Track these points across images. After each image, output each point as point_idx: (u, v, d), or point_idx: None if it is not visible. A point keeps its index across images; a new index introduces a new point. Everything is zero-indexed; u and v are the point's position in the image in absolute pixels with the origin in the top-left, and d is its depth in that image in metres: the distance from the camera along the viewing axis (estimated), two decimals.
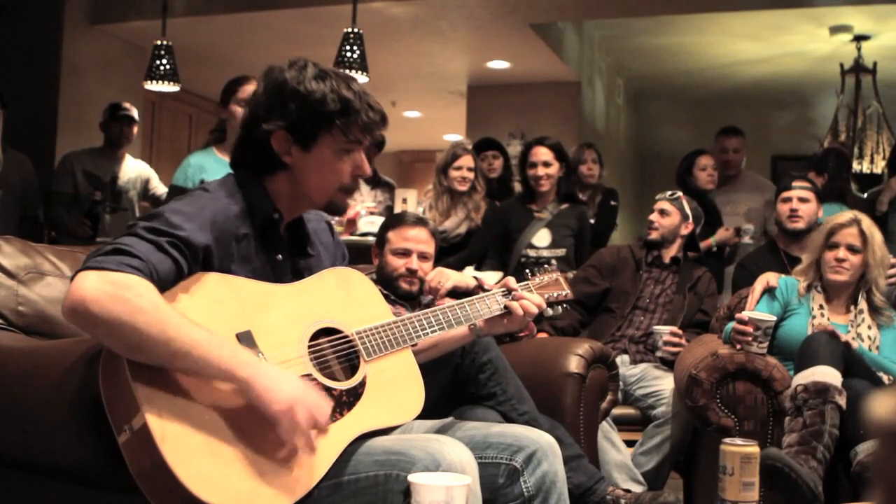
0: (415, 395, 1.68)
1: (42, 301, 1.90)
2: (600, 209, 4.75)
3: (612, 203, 4.80)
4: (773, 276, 3.06)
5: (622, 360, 3.25)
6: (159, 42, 5.33)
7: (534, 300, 1.92)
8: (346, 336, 1.63)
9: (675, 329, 3.24)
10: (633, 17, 6.37)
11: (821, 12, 6.11)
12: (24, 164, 4.44)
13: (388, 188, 4.92)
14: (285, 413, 1.40)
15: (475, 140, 5.00)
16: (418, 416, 1.68)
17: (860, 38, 6.57)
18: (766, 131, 8.04)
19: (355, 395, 1.58)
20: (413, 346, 1.73)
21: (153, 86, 5.40)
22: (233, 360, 1.40)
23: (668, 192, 3.62)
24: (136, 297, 1.36)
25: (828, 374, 2.48)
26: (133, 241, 1.44)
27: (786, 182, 3.64)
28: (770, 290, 3.01)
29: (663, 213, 3.53)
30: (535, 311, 1.92)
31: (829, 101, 7.15)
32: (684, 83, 8.11)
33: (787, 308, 2.96)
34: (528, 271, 2.06)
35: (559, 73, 6.83)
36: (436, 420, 1.80)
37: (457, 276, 2.59)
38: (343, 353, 1.63)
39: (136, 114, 4.71)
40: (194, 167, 3.35)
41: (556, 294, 2.03)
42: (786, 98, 8.21)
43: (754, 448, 1.97)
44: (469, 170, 4.26)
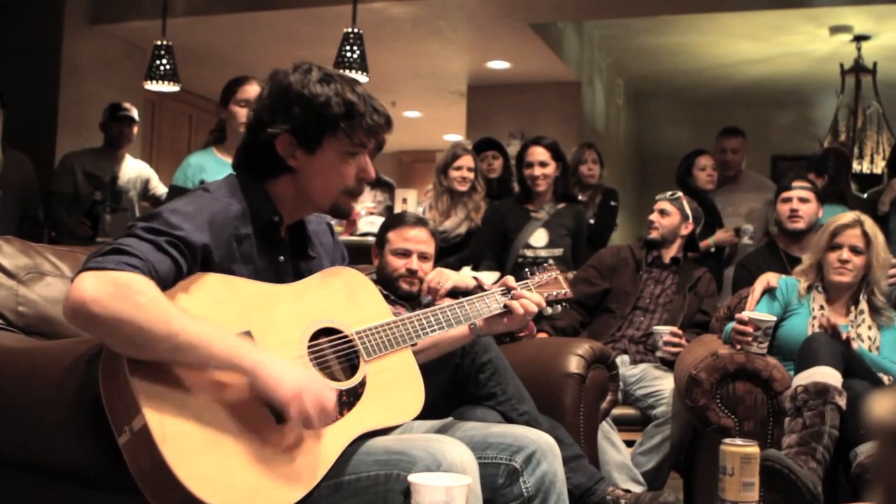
0: (415, 395, 1.68)
1: (42, 301, 1.90)
2: (600, 209, 4.74)
3: (613, 203, 4.79)
4: (774, 277, 3.06)
5: (622, 360, 3.25)
6: (159, 42, 5.33)
7: (533, 299, 1.92)
8: (345, 336, 1.63)
9: (675, 329, 3.25)
10: (633, 17, 6.37)
11: (821, 12, 6.11)
12: (24, 164, 4.44)
13: (388, 188, 4.92)
14: (294, 399, 1.41)
15: (475, 140, 5.00)
16: (418, 416, 1.68)
17: (860, 39, 6.58)
18: (766, 131, 8.04)
19: (355, 394, 1.59)
20: (413, 345, 1.73)
21: (153, 86, 5.40)
22: (237, 351, 1.41)
23: (669, 193, 3.62)
24: (136, 294, 1.36)
25: (828, 375, 2.48)
26: (132, 242, 1.44)
27: (786, 182, 3.64)
28: (770, 291, 3.01)
29: (663, 213, 3.53)
30: (535, 310, 1.92)
31: (829, 102, 7.15)
32: (684, 83, 8.11)
33: (787, 308, 2.96)
34: (527, 270, 2.06)
35: (559, 73, 6.82)
36: (435, 420, 1.80)
37: (456, 276, 2.58)
38: (343, 353, 1.63)
39: (136, 114, 4.71)
40: (194, 167, 3.35)
41: (555, 293, 2.03)
42: (786, 98, 8.21)
43: (754, 448, 1.97)
44: (469, 170, 4.26)
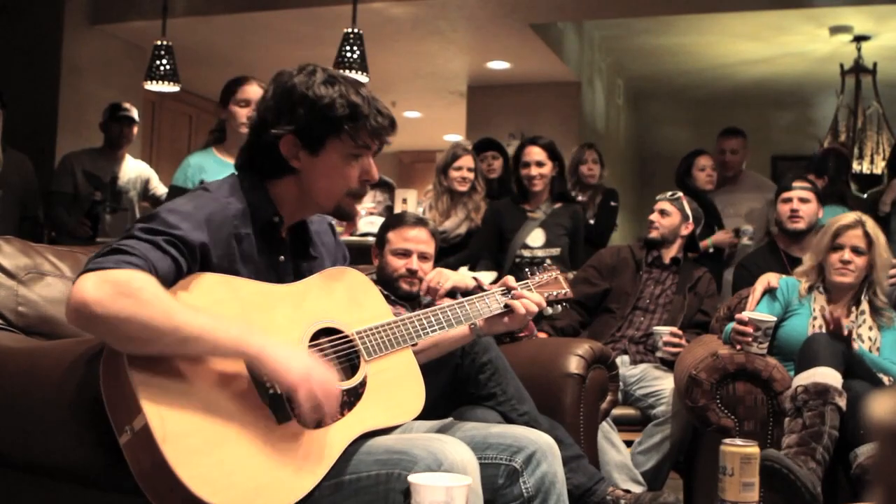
0: (415, 395, 1.68)
1: (42, 301, 1.90)
2: (600, 210, 4.73)
3: (613, 204, 4.78)
4: (774, 277, 3.05)
5: (622, 360, 3.24)
6: (159, 42, 5.32)
7: (534, 299, 1.93)
8: (346, 336, 1.63)
9: (674, 329, 3.24)
10: (633, 18, 6.37)
11: (821, 13, 6.11)
12: (24, 164, 4.44)
13: (388, 188, 4.92)
14: (302, 382, 1.42)
15: (475, 140, 5.00)
16: (418, 417, 1.68)
17: (860, 39, 6.58)
18: (766, 131, 8.03)
19: (356, 394, 1.59)
20: (413, 345, 1.73)
21: (153, 86, 5.40)
22: (242, 338, 1.42)
23: (669, 193, 3.62)
24: (137, 291, 1.36)
25: (828, 376, 2.48)
26: (131, 242, 1.44)
27: (786, 182, 3.64)
28: (771, 291, 3.01)
29: (664, 214, 3.53)
30: (536, 310, 1.93)
31: (829, 102, 7.15)
32: (684, 83, 8.11)
33: (787, 309, 2.95)
34: (527, 270, 2.06)
35: (559, 73, 6.82)
36: (435, 420, 1.80)
37: (456, 276, 2.58)
38: (343, 353, 1.63)
39: (136, 114, 4.71)
40: (194, 167, 3.35)
41: (555, 293, 2.03)
42: (786, 98, 8.21)
43: (754, 448, 1.97)
44: (469, 170, 4.26)
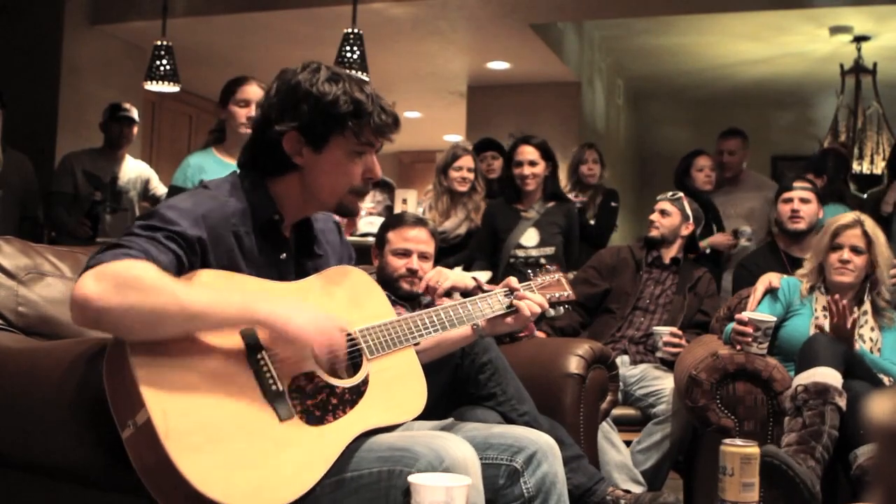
0: (417, 394, 1.68)
1: (42, 301, 1.90)
2: (601, 210, 4.73)
3: (613, 204, 4.78)
4: (776, 277, 3.05)
5: (622, 360, 3.25)
6: (159, 42, 5.32)
7: (536, 300, 1.93)
8: (348, 334, 1.64)
9: (674, 330, 3.25)
10: (633, 18, 6.37)
11: (821, 13, 6.11)
12: (24, 164, 4.44)
13: (388, 188, 4.92)
14: (316, 336, 1.47)
15: (475, 140, 5.00)
16: (419, 417, 1.68)
17: (860, 39, 6.58)
18: (766, 131, 8.03)
19: (358, 392, 1.59)
20: (415, 344, 1.73)
21: (153, 86, 5.40)
22: (247, 305, 1.44)
23: (670, 193, 3.62)
24: (137, 278, 1.37)
25: (828, 376, 2.48)
26: (130, 239, 1.45)
27: (786, 183, 3.64)
28: (772, 291, 3.00)
29: (664, 214, 3.53)
30: (538, 311, 1.93)
31: (829, 102, 7.14)
32: (684, 83, 8.11)
33: (789, 309, 2.95)
34: (529, 272, 2.07)
35: (559, 73, 6.82)
36: (436, 420, 1.80)
37: (455, 276, 2.58)
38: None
39: (136, 114, 4.71)
40: (194, 168, 3.35)
41: (557, 295, 2.03)
42: (786, 98, 8.21)
43: (754, 448, 1.97)
44: (469, 170, 4.26)
